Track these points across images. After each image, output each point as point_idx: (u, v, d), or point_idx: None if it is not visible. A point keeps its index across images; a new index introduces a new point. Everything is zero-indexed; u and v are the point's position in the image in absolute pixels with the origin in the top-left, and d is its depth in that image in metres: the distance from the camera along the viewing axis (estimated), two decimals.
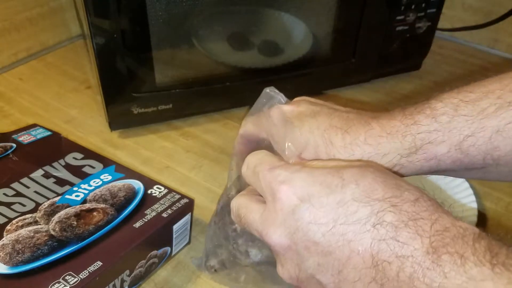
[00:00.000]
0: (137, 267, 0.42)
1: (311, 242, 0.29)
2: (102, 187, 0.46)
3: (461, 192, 0.55)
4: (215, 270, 0.43)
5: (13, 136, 0.53)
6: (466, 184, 0.55)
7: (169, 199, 0.46)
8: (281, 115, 0.37)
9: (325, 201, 0.29)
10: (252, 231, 0.34)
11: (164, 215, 0.44)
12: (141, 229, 0.42)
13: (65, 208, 0.43)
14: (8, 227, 0.41)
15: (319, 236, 0.29)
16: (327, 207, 0.29)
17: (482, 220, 0.54)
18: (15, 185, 0.46)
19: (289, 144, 0.36)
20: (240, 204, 0.35)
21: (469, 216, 0.52)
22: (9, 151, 0.51)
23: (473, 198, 0.53)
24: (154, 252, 0.44)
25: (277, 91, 0.40)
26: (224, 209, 0.40)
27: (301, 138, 0.35)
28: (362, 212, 0.28)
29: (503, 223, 0.53)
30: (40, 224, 0.41)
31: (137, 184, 0.47)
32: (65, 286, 0.36)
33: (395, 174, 0.31)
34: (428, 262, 0.26)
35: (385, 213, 0.28)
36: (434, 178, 0.57)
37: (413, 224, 0.27)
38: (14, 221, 0.42)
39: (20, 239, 0.40)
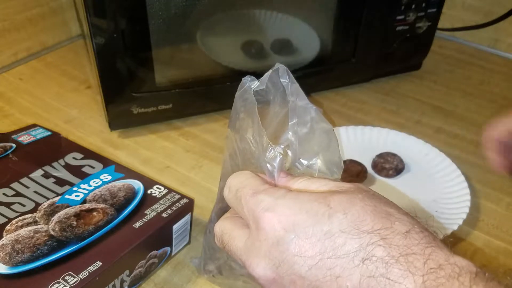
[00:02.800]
0: (137, 267, 0.42)
1: (296, 276, 0.28)
2: (102, 187, 0.46)
3: (456, 185, 0.55)
4: (213, 276, 0.42)
5: (13, 136, 0.53)
6: (462, 178, 0.55)
7: (169, 199, 0.46)
8: None
9: (311, 232, 0.28)
10: (236, 259, 0.32)
11: (164, 215, 0.44)
12: (141, 229, 0.42)
13: (65, 208, 0.43)
14: (7, 227, 0.41)
15: (305, 269, 0.27)
16: (313, 238, 0.28)
17: (482, 220, 0.54)
18: (15, 185, 0.46)
19: None
20: (223, 229, 0.33)
21: (461, 207, 0.52)
22: (9, 151, 0.51)
23: (467, 191, 0.54)
24: (154, 252, 0.44)
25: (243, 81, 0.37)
26: (216, 218, 0.40)
27: None
28: (350, 245, 0.27)
29: (503, 223, 0.53)
30: (39, 224, 0.41)
31: (137, 184, 0.47)
32: (65, 286, 0.36)
33: (386, 199, 0.30)
34: None
35: (375, 247, 0.26)
36: (427, 173, 0.57)
37: (404, 260, 0.26)
38: (13, 221, 0.42)
39: (20, 239, 0.40)
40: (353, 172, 0.57)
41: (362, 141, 0.62)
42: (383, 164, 0.58)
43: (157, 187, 0.47)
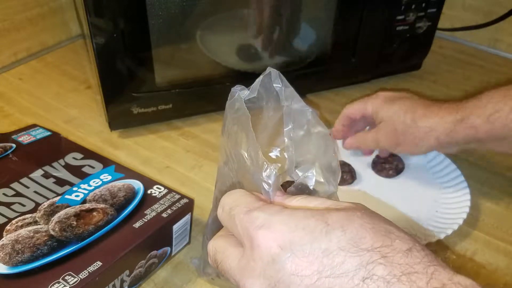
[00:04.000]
0: (137, 267, 0.42)
1: None
2: (102, 187, 0.46)
3: (455, 185, 0.55)
4: (212, 279, 0.42)
5: (13, 137, 0.53)
6: (461, 178, 0.55)
7: (169, 199, 0.46)
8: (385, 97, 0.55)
9: (308, 250, 0.27)
10: (230, 279, 0.31)
11: (164, 215, 0.44)
12: (141, 229, 0.42)
13: (65, 208, 0.43)
14: (7, 227, 0.41)
15: None
16: (310, 256, 0.26)
17: (482, 220, 0.54)
18: (15, 185, 0.46)
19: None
20: (217, 248, 0.32)
21: (461, 207, 0.52)
22: (9, 151, 0.51)
23: (467, 190, 0.54)
24: (154, 252, 0.44)
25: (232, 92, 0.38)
26: (213, 224, 0.39)
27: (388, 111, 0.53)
28: (349, 264, 0.26)
29: (503, 223, 0.53)
30: (39, 224, 0.41)
31: (137, 184, 0.47)
32: (65, 286, 0.36)
33: (385, 218, 0.29)
34: None
35: (375, 265, 0.25)
36: (427, 173, 0.57)
37: (406, 279, 0.25)
38: (13, 221, 0.42)
39: (20, 239, 0.40)
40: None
41: None
42: (383, 164, 0.58)
43: (157, 187, 0.47)
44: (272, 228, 0.28)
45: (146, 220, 0.43)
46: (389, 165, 0.58)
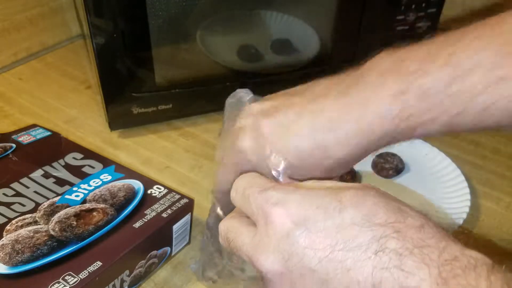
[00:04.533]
0: (136, 267, 0.42)
1: (306, 269, 0.27)
2: (102, 187, 0.46)
3: (455, 185, 0.55)
4: (213, 282, 0.42)
5: (13, 137, 0.53)
6: (461, 178, 0.55)
7: (169, 199, 0.46)
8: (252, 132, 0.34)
9: (322, 226, 0.27)
10: (242, 256, 0.31)
11: (164, 215, 0.44)
12: (141, 229, 0.42)
13: (65, 208, 0.43)
14: (7, 227, 0.41)
15: (316, 262, 0.27)
16: (324, 231, 0.27)
17: (482, 220, 0.54)
18: (15, 185, 0.46)
19: (274, 154, 0.33)
20: (229, 227, 0.33)
21: (461, 207, 0.52)
22: (9, 151, 0.51)
23: (467, 190, 0.54)
24: (154, 252, 0.44)
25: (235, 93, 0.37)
26: (215, 224, 0.39)
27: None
28: (362, 238, 0.26)
29: (503, 223, 0.53)
30: (39, 224, 0.41)
31: (137, 184, 0.47)
32: (65, 286, 0.36)
33: (397, 198, 0.29)
34: None
35: (388, 239, 0.26)
36: (427, 173, 0.57)
37: (419, 252, 0.25)
38: (13, 221, 0.42)
39: (20, 239, 0.40)
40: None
41: None
42: (383, 164, 0.58)
43: (157, 187, 0.47)
44: (286, 205, 0.29)
45: (146, 220, 0.43)
46: (389, 165, 0.58)
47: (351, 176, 0.57)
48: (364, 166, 0.59)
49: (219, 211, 0.40)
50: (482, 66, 0.29)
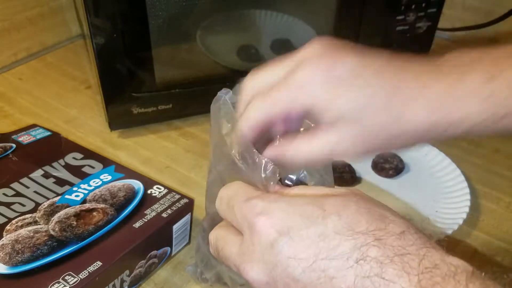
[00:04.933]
0: (136, 267, 0.42)
1: (290, 278, 0.27)
2: (101, 187, 0.46)
3: (455, 185, 0.55)
4: (211, 285, 0.42)
5: (13, 137, 0.53)
6: (461, 178, 0.55)
7: (169, 199, 0.46)
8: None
9: (305, 234, 0.28)
10: (230, 265, 0.32)
11: (164, 215, 0.44)
12: (141, 229, 0.42)
13: (65, 208, 0.43)
14: (7, 227, 0.41)
15: (299, 272, 0.27)
16: (307, 240, 0.27)
17: (482, 220, 0.54)
18: (15, 185, 0.46)
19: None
20: (218, 237, 0.33)
21: (461, 207, 0.52)
22: (9, 152, 0.51)
23: (467, 190, 0.54)
24: (154, 252, 0.44)
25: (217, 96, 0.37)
26: (210, 227, 0.39)
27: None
28: (344, 246, 0.26)
29: (503, 223, 0.53)
30: (39, 224, 0.41)
31: (137, 184, 0.47)
32: (64, 286, 0.36)
33: (381, 203, 0.30)
34: None
35: (369, 248, 0.26)
36: (427, 173, 0.57)
37: (399, 259, 0.25)
38: (13, 221, 0.42)
39: (20, 239, 0.40)
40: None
41: None
42: (383, 164, 0.58)
43: (157, 187, 0.47)
44: (270, 214, 0.29)
45: (146, 220, 0.43)
46: (389, 165, 0.58)
47: (351, 175, 0.57)
48: (364, 166, 0.59)
49: (204, 224, 0.40)
50: None
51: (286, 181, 0.36)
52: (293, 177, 0.36)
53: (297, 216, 0.28)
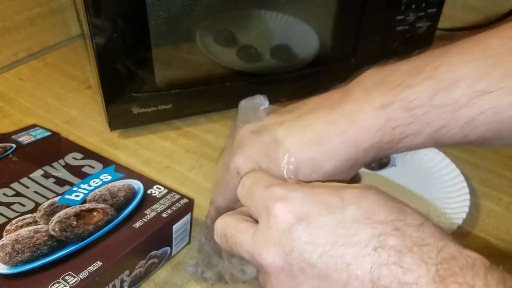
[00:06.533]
0: (136, 267, 0.42)
1: (307, 263, 0.28)
2: (101, 187, 0.46)
3: (455, 185, 0.55)
4: (212, 284, 0.42)
5: (13, 137, 0.53)
6: (461, 178, 0.55)
7: (169, 199, 0.46)
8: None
9: (323, 221, 0.28)
10: (241, 252, 0.32)
11: (164, 215, 0.44)
12: (141, 229, 0.42)
13: (65, 208, 0.43)
14: (7, 227, 0.41)
15: (316, 257, 0.27)
16: (325, 227, 0.28)
17: (482, 220, 0.54)
18: (15, 185, 0.46)
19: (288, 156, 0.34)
20: (228, 224, 0.33)
21: (461, 207, 0.52)
22: (9, 152, 0.51)
23: (466, 190, 0.54)
24: (154, 252, 0.44)
25: (253, 97, 0.39)
26: (213, 225, 0.39)
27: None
28: (363, 234, 0.27)
29: (503, 223, 0.53)
30: (39, 224, 0.41)
31: (137, 184, 0.47)
32: (64, 286, 0.36)
33: (398, 198, 0.30)
34: None
35: (388, 237, 0.26)
36: (426, 173, 0.57)
37: (418, 250, 0.26)
38: (13, 221, 0.42)
39: (20, 239, 0.40)
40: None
41: None
42: None
43: (157, 187, 0.47)
44: (289, 201, 0.29)
45: (146, 220, 0.43)
46: None
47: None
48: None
49: (208, 221, 0.41)
50: (465, 80, 0.31)
51: None
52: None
53: (316, 203, 0.29)
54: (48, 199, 0.45)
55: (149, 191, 0.46)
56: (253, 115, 0.38)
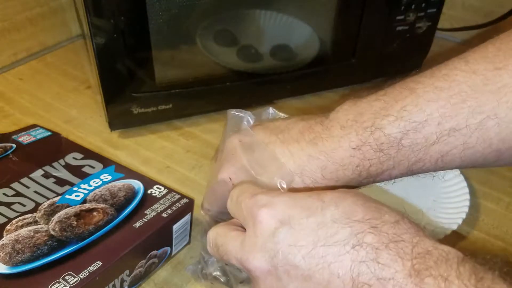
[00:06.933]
0: (137, 267, 0.42)
1: (291, 265, 0.29)
2: (102, 187, 0.46)
3: (455, 185, 0.55)
4: (212, 283, 0.42)
5: (13, 137, 0.53)
6: (461, 178, 0.55)
7: (169, 199, 0.46)
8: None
9: (305, 223, 0.29)
10: (231, 259, 0.33)
11: (164, 215, 0.44)
12: (141, 229, 0.42)
13: (65, 208, 0.43)
14: (8, 227, 0.41)
15: (299, 259, 0.29)
16: (307, 229, 0.29)
17: (482, 220, 0.54)
18: (15, 185, 0.46)
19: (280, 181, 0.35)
20: (218, 233, 0.35)
21: (461, 207, 0.52)
22: (9, 152, 0.51)
23: (466, 190, 0.54)
24: (154, 252, 0.44)
25: (242, 111, 0.40)
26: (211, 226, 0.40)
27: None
28: (341, 234, 0.28)
29: (503, 223, 0.53)
30: (40, 224, 0.41)
31: (137, 184, 0.47)
32: (65, 286, 0.36)
33: (376, 200, 0.31)
34: (411, 285, 0.25)
35: (365, 235, 0.28)
36: (429, 174, 0.57)
37: (394, 246, 0.27)
38: (14, 221, 0.42)
39: (20, 239, 0.40)
40: None
41: None
42: None
43: (157, 187, 0.47)
44: (273, 206, 0.31)
45: (146, 220, 0.43)
46: None
47: None
48: None
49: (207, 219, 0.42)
50: (433, 119, 0.32)
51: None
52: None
53: (297, 207, 0.30)
54: (48, 199, 0.45)
55: (149, 191, 0.46)
56: (240, 125, 0.40)
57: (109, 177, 0.48)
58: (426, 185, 0.56)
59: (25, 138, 0.53)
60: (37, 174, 0.48)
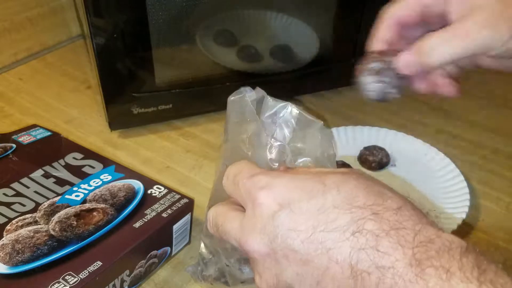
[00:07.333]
0: (137, 267, 0.42)
1: (290, 249, 0.28)
2: (102, 187, 0.46)
3: (455, 185, 0.55)
4: (211, 284, 0.42)
5: (13, 137, 0.53)
6: (461, 178, 0.55)
7: (169, 199, 0.46)
8: None
9: (305, 207, 0.29)
10: (230, 239, 0.32)
11: (164, 215, 0.44)
12: (141, 229, 0.42)
13: (65, 208, 0.43)
14: (8, 227, 0.41)
15: (298, 243, 0.28)
16: (307, 213, 0.28)
17: (482, 220, 0.54)
18: (15, 185, 0.46)
19: None
20: (218, 213, 0.34)
21: (461, 207, 0.52)
22: (9, 152, 0.51)
23: (466, 190, 0.54)
24: (154, 252, 0.44)
25: (238, 92, 0.39)
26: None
27: None
28: (342, 220, 0.27)
29: (503, 223, 0.53)
30: (40, 224, 0.41)
31: (137, 184, 0.47)
32: (65, 286, 0.36)
33: (380, 181, 0.30)
34: (411, 274, 0.24)
35: (366, 221, 0.27)
36: (426, 173, 0.57)
37: (395, 233, 0.26)
38: (14, 221, 0.42)
39: (20, 239, 0.40)
40: None
41: (361, 141, 0.62)
42: (367, 156, 0.58)
43: (157, 187, 0.47)
44: (273, 188, 0.30)
45: (146, 220, 0.43)
46: (373, 158, 0.57)
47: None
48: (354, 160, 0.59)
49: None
50: None
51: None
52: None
53: (298, 190, 0.29)
54: (48, 199, 0.45)
55: (149, 191, 0.46)
56: (242, 111, 0.38)
57: (109, 177, 0.48)
58: (426, 185, 0.57)
59: (25, 138, 0.53)
60: (37, 174, 0.48)
